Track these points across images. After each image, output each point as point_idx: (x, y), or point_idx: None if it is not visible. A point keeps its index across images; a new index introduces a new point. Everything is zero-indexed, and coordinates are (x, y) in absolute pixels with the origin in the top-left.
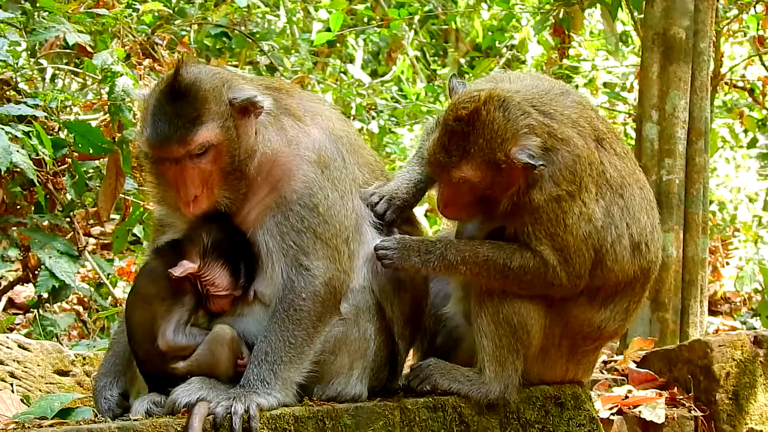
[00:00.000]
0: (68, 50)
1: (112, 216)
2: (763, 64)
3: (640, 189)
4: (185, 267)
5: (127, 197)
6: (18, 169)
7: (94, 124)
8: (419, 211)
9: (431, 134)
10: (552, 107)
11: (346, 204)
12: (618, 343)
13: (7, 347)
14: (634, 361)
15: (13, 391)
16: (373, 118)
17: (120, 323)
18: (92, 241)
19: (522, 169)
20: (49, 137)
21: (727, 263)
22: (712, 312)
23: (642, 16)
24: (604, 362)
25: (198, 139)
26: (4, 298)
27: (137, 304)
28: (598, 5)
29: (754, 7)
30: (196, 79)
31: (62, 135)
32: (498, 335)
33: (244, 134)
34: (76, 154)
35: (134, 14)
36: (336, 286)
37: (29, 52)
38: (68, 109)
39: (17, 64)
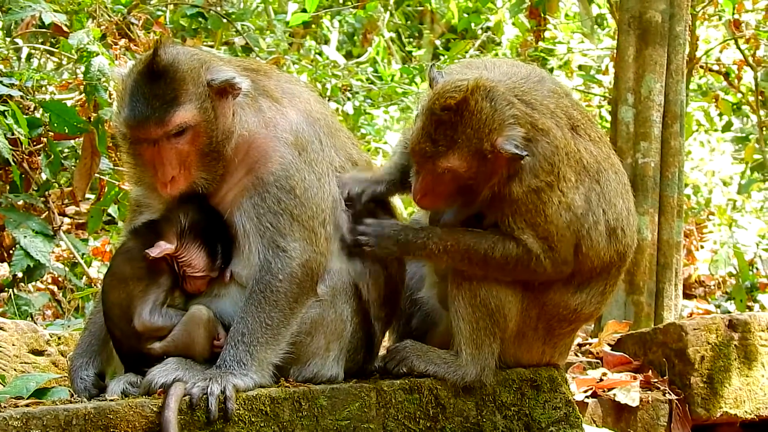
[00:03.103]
0: (44, 30)
1: (87, 195)
2: (739, 48)
3: (615, 174)
4: (162, 248)
5: (102, 177)
6: None
7: (69, 103)
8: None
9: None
10: (533, 97)
11: (323, 186)
12: (593, 326)
13: None
14: (609, 344)
15: None
16: (349, 99)
17: (96, 303)
18: (67, 220)
19: (506, 160)
20: (24, 116)
21: (702, 247)
22: (687, 295)
23: None
24: (579, 345)
25: (176, 119)
26: None
27: (114, 284)
28: None
29: None
30: (175, 60)
31: (38, 114)
32: (475, 318)
33: (222, 115)
34: (51, 133)
35: None
36: (313, 268)
37: (5, 32)
38: (44, 88)
39: None
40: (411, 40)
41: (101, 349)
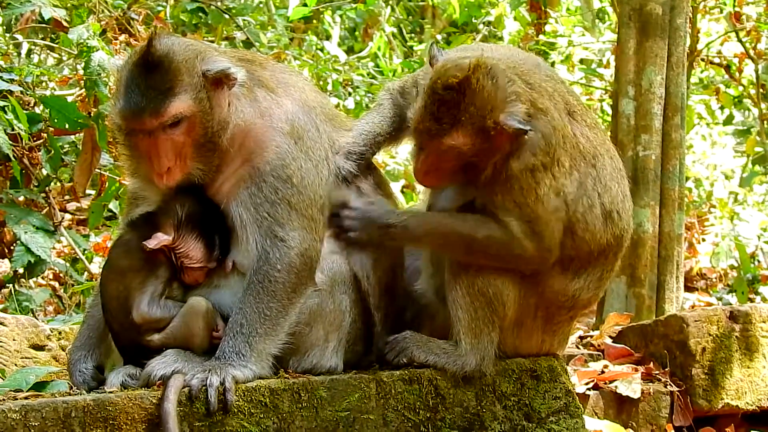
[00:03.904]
0: (44, 25)
1: (87, 191)
2: (740, 41)
3: (610, 158)
4: (159, 239)
5: (103, 172)
6: None
7: (69, 99)
8: (395, 188)
9: (411, 102)
10: (532, 78)
11: (320, 173)
12: (594, 318)
13: None
14: (610, 337)
15: None
16: (350, 94)
17: (94, 296)
18: (68, 216)
19: (509, 135)
20: (24, 112)
21: (703, 239)
22: (688, 288)
23: None
24: (581, 337)
25: (171, 110)
26: None
27: (111, 276)
28: None
29: None
30: (170, 51)
31: (38, 110)
32: (473, 307)
33: (217, 106)
34: (51, 129)
35: None
36: (312, 256)
37: (5, 27)
38: (44, 84)
39: None
40: (412, 34)
41: (100, 341)
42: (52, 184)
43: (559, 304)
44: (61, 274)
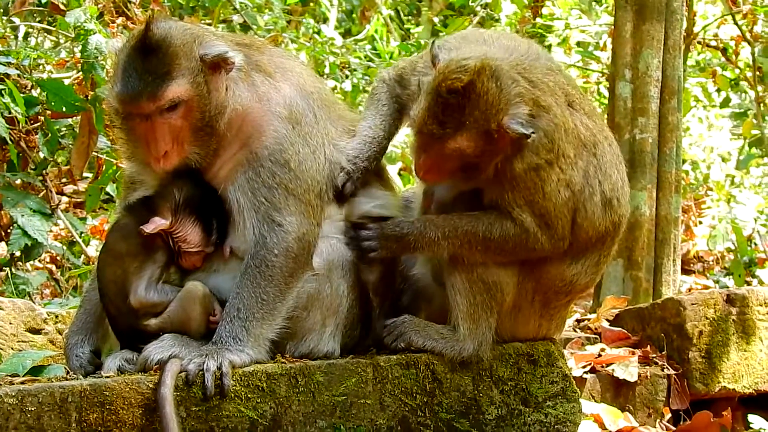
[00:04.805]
0: (41, 8)
1: (85, 174)
2: (736, 24)
3: (609, 145)
4: (157, 224)
5: (100, 155)
6: None
7: (67, 82)
8: (392, 170)
9: (411, 91)
10: (533, 74)
11: (318, 158)
12: (591, 301)
13: None
14: (607, 320)
15: None
16: (347, 77)
17: (92, 280)
18: (65, 199)
19: (512, 138)
20: (21, 95)
21: (700, 222)
22: (685, 271)
23: None
24: (578, 321)
25: (168, 94)
26: None
27: (109, 261)
28: None
29: None
30: (167, 35)
31: (35, 93)
32: (472, 293)
33: (215, 90)
34: (48, 112)
35: None
36: (310, 241)
37: (2, 10)
38: (41, 67)
39: None
40: (409, 17)
41: (97, 326)
42: (49, 167)
43: (556, 289)
44: (57, 257)
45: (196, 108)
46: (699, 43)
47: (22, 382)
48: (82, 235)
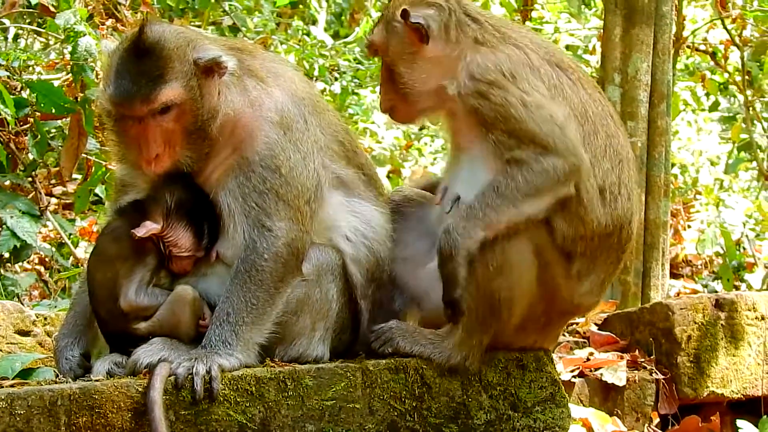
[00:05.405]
0: (31, 10)
1: (74, 176)
2: (725, 28)
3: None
4: (148, 228)
5: (89, 157)
6: None
7: (56, 83)
8: (381, 173)
9: None
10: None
11: (308, 165)
12: None
13: None
14: (596, 324)
15: None
16: (336, 79)
17: (81, 283)
18: (54, 200)
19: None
20: (11, 97)
21: (689, 226)
22: (674, 275)
23: None
24: (566, 325)
25: (161, 97)
26: None
27: (99, 264)
28: None
29: None
30: (161, 38)
31: (24, 94)
32: (476, 306)
33: (208, 94)
34: (38, 113)
35: None
36: (298, 247)
37: None
38: (31, 68)
39: None
40: None
41: (86, 329)
42: (39, 168)
43: (563, 311)
44: (46, 259)
45: (188, 112)
46: (688, 47)
47: (12, 386)
48: (71, 236)
